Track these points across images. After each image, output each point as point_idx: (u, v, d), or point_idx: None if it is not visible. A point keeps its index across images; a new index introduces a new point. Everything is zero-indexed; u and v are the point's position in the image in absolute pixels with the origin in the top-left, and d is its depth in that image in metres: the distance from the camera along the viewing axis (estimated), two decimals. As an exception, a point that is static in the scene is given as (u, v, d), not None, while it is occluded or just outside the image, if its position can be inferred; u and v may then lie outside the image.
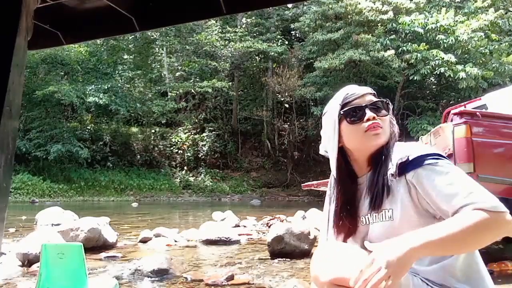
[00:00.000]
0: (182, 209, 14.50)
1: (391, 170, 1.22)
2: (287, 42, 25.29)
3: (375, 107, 1.29)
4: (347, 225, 1.34)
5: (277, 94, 24.87)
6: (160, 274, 3.59)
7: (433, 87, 22.39)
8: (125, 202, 18.00)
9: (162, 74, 24.75)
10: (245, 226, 7.68)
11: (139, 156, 23.05)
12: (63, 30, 1.68)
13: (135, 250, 5.17)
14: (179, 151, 24.15)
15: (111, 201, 18.79)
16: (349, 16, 20.74)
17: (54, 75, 21.54)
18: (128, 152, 23.05)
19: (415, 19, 17.88)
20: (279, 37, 24.95)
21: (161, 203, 18.61)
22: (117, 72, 22.97)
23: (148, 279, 3.53)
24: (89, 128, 22.39)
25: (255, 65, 25.71)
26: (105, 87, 20.52)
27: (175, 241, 5.76)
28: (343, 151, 1.34)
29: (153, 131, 24.16)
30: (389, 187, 1.22)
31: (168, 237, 5.86)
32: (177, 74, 24.79)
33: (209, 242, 5.60)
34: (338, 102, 1.31)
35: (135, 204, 15.75)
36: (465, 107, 5.83)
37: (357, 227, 1.33)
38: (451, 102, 18.81)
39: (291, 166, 23.95)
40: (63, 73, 22.33)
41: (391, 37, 19.46)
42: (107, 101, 20.08)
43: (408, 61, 18.15)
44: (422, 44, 17.55)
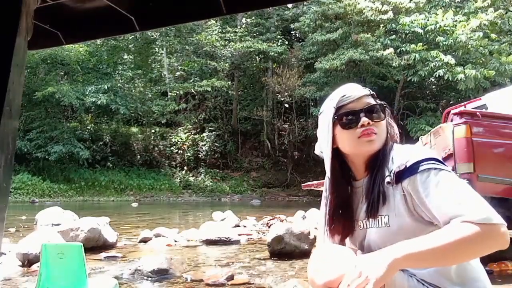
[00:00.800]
0: (182, 209, 14.50)
1: (388, 178, 1.19)
2: (287, 42, 25.31)
3: (370, 111, 1.25)
4: (341, 228, 1.33)
5: (277, 94, 24.87)
6: (160, 274, 3.59)
7: (433, 87, 22.41)
8: (125, 202, 18.00)
9: (162, 74, 24.76)
10: (245, 226, 7.68)
11: (139, 156, 23.05)
12: (63, 30, 1.68)
13: (135, 250, 5.17)
14: (179, 151, 24.16)
15: (111, 201, 18.79)
16: (348, 16, 20.74)
17: (54, 75, 21.54)
18: (128, 152, 23.05)
19: (415, 20, 17.86)
20: (279, 37, 24.96)
21: (161, 203, 18.62)
22: (117, 72, 22.97)
23: (148, 279, 3.53)
24: (89, 128, 22.39)
25: (255, 65, 25.71)
26: (105, 87, 20.52)
27: (175, 241, 5.76)
28: (339, 153, 1.31)
29: (153, 131, 24.17)
30: (385, 194, 1.20)
31: (168, 237, 5.87)
32: (177, 74, 24.79)
33: (209, 242, 5.60)
34: (333, 104, 1.27)
35: (135, 204, 15.75)
36: (465, 107, 5.83)
37: (353, 230, 1.32)
38: (451, 102, 18.82)
39: (291, 166, 23.96)
40: (63, 73, 22.34)
41: (391, 37, 19.46)
42: (106, 101, 20.08)
43: (407, 61, 18.15)
44: (419, 44, 17.53)
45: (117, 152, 22.51)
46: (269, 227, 7.31)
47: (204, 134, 24.75)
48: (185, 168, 23.60)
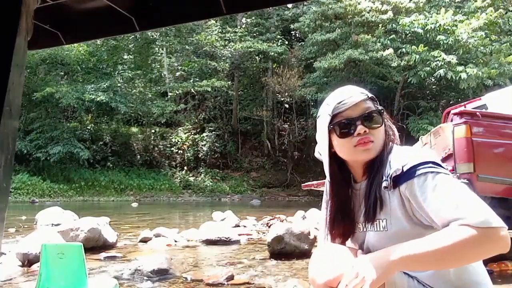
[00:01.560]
0: (182, 209, 14.50)
1: (385, 183, 1.18)
2: (287, 42, 25.33)
3: (367, 119, 1.22)
4: (342, 230, 1.34)
5: (277, 94, 24.88)
6: (160, 274, 3.59)
7: (433, 87, 22.40)
8: (125, 202, 17.99)
9: (162, 74, 24.76)
10: (245, 226, 7.68)
11: (139, 156, 23.06)
12: (63, 30, 1.68)
13: (135, 250, 5.16)
14: (179, 151, 24.16)
15: (111, 201, 18.80)
16: (348, 16, 20.75)
17: (54, 75, 21.55)
18: (128, 152, 23.06)
19: (415, 20, 17.85)
20: (279, 37, 24.97)
21: (161, 203, 18.61)
22: (117, 72, 22.99)
23: (148, 279, 3.53)
24: (89, 128, 22.40)
25: (255, 65, 25.72)
26: (105, 85, 20.53)
27: (175, 241, 5.76)
28: (337, 156, 1.30)
29: (153, 131, 24.18)
30: (381, 200, 1.20)
31: (168, 237, 5.86)
32: (177, 74, 24.80)
33: (209, 242, 5.59)
34: (328, 111, 1.25)
35: (135, 204, 15.75)
36: (465, 107, 5.83)
37: (353, 232, 1.32)
38: (451, 102, 18.82)
39: (291, 166, 23.96)
40: (63, 73, 22.34)
41: (391, 37, 19.47)
42: (106, 98, 20.08)
43: (408, 61, 18.14)
44: (421, 45, 17.53)
45: (117, 152, 22.52)
46: (269, 227, 7.31)
47: (204, 134, 24.75)
48: (185, 168, 23.61)
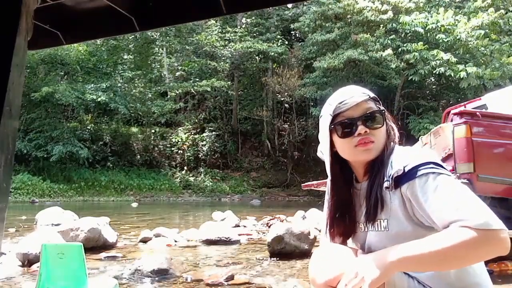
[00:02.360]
0: (182, 209, 14.49)
1: (386, 183, 1.18)
2: (287, 42, 25.32)
3: (368, 119, 1.23)
4: (342, 230, 1.34)
5: (277, 94, 24.89)
6: (160, 274, 3.59)
7: (433, 87, 22.42)
8: (125, 202, 17.99)
9: (162, 74, 24.77)
10: (245, 226, 7.68)
11: (139, 156, 23.06)
12: (63, 30, 1.68)
13: (135, 250, 5.16)
14: (179, 151, 24.16)
15: (111, 201, 18.79)
16: (348, 16, 20.74)
17: (54, 75, 21.54)
18: (128, 152, 23.06)
19: (415, 19, 17.86)
20: (279, 37, 24.97)
21: (161, 203, 18.61)
22: (117, 72, 22.99)
23: (148, 279, 3.53)
24: (89, 128, 22.40)
25: (255, 65, 25.72)
26: (105, 85, 20.53)
27: (175, 241, 5.76)
28: (339, 156, 1.30)
29: (153, 131, 24.17)
30: (382, 200, 1.20)
31: (168, 237, 5.86)
32: (177, 74, 24.80)
33: (209, 242, 5.59)
34: (329, 111, 1.26)
35: (135, 204, 15.75)
36: (465, 107, 5.83)
37: (354, 231, 1.33)
38: (451, 102, 18.82)
39: (291, 166, 23.96)
40: (63, 73, 22.33)
41: (391, 37, 19.47)
42: (106, 99, 20.07)
43: (407, 61, 18.15)
44: (419, 43, 17.53)
45: (117, 152, 22.52)
46: (269, 227, 7.31)
47: (204, 134, 24.75)
48: (185, 168, 23.60)
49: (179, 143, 24.35)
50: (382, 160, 1.23)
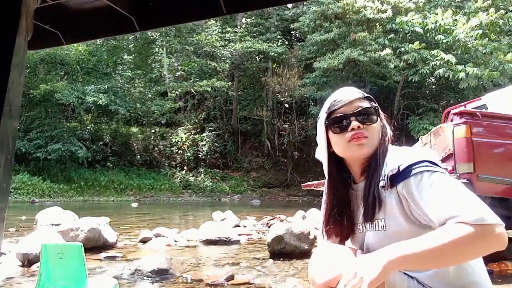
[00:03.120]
0: (182, 209, 14.49)
1: (382, 182, 1.19)
2: (287, 42, 25.31)
3: (361, 115, 1.25)
4: (339, 230, 1.35)
5: (277, 94, 24.89)
6: (160, 274, 3.59)
7: (433, 87, 22.41)
8: (125, 202, 17.99)
9: (162, 74, 24.76)
10: (245, 226, 7.68)
11: (139, 156, 23.05)
12: (63, 30, 1.68)
13: (135, 250, 5.16)
14: (179, 151, 24.16)
15: (111, 201, 18.79)
16: (347, 16, 20.74)
17: (54, 75, 21.54)
18: (128, 152, 23.05)
19: (413, 19, 17.85)
20: (279, 37, 24.97)
21: (161, 203, 18.61)
22: (117, 72, 22.98)
23: (148, 279, 3.53)
24: (89, 128, 22.39)
25: (255, 65, 25.71)
26: (105, 87, 20.52)
27: (175, 241, 5.76)
28: (336, 156, 1.32)
29: (153, 131, 24.17)
30: (380, 199, 1.20)
31: (168, 237, 5.86)
32: (177, 74, 24.79)
33: (209, 242, 5.59)
34: (325, 109, 1.30)
35: (135, 204, 15.74)
36: (465, 107, 5.83)
37: (352, 232, 1.34)
38: (451, 102, 18.81)
39: (291, 166, 23.96)
40: (63, 73, 22.33)
41: (390, 36, 19.46)
42: (106, 101, 20.07)
43: (407, 61, 18.14)
44: (416, 43, 17.52)
45: (117, 152, 22.51)
46: (269, 227, 7.31)
47: (204, 134, 24.75)
48: (185, 168, 23.60)
49: (179, 143, 24.34)
50: (377, 159, 1.24)
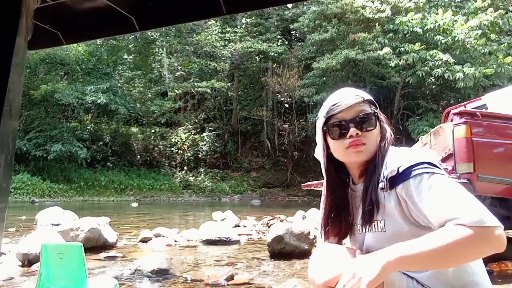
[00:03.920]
0: (182, 209, 14.49)
1: (382, 184, 1.19)
2: (287, 42, 25.31)
3: (360, 121, 1.24)
4: (337, 230, 1.35)
5: (277, 94, 24.88)
6: (160, 274, 3.59)
7: (433, 87, 22.39)
8: (125, 202, 17.98)
9: (162, 74, 24.76)
10: (245, 226, 7.68)
11: (139, 156, 23.05)
12: (63, 30, 1.68)
13: (135, 250, 5.16)
14: (179, 151, 24.16)
15: (111, 201, 18.79)
16: (346, 15, 20.73)
17: (54, 75, 21.53)
18: (128, 152, 23.05)
19: (412, 19, 17.85)
20: (279, 37, 24.97)
21: (161, 203, 18.61)
22: (117, 72, 22.97)
23: (148, 279, 3.53)
24: (89, 128, 22.38)
25: (255, 65, 25.71)
26: (105, 86, 20.52)
27: (175, 241, 5.76)
28: (335, 159, 1.32)
29: (153, 131, 24.17)
30: (378, 204, 1.21)
31: (168, 237, 5.86)
32: (177, 74, 24.79)
33: (209, 242, 5.59)
34: (323, 113, 1.28)
35: (135, 204, 15.74)
36: (465, 107, 5.83)
37: (349, 233, 1.34)
38: (451, 102, 18.80)
39: (291, 166, 23.95)
40: (62, 73, 22.33)
41: (389, 35, 19.45)
42: (106, 99, 20.06)
43: (406, 61, 18.14)
44: (417, 44, 17.53)
45: (117, 152, 22.50)
46: (269, 227, 7.31)
47: (204, 134, 24.75)
48: (185, 168, 23.60)
49: (179, 143, 24.34)
50: (375, 162, 1.24)
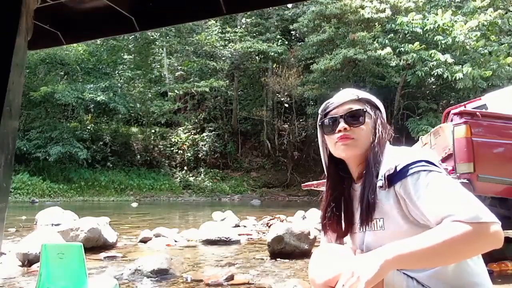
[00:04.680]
0: (182, 209, 14.49)
1: (380, 182, 1.20)
2: (286, 42, 25.30)
3: (349, 117, 1.28)
4: (336, 228, 1.36)
5: (276, 94, 24.88)
6: (160, 274, 3.59)
7: (433, 87, 22.40)
8: (125, 202, 17.98)
9: (162, 74, 24.76)
10: (245, 226, 7.69)
11: (139, 156, 23.04)
12: (63, 30, 1.68)
13: (135, 250, 5.16)
14: (179, 151, 24.15)
15: (111, 201, 18.78)
16: (346, 16, 20.72)
17: (54, 75, 21.53)
18: (128, 152, 23.04)
19: (413, 20, 17.86)
20: (278, 37, 24.96)
21: (161, 203, 18.61)
22: (117, 72, 22.97)
23: (148, 279, 3.53)
24: (89, 128, 22.37)
25: (254, 65, 25.71)
26: (104, 85, 20.51)
27: (175, 241, 5.76)
28: (335, 157, 1.35)
29: (153, 131, 24.17)
30: (374, 204, 1.21)
31: (168, 237, 5.86)
32: (177, 74, 24.79)
33: (209, 242, 5.59)
34: (320, 111, 1.36)
35: (135, 204, 15.74)
36: (465, 107, 5.83)
37: (349, 231, 1.35)
38: (451, 102, 18.80)
39: (291, 166, 23.95)
40: (62, 73, 22.32)
41: (389, 36, 19.46)
42: (105, 98, 20.05)
43: (406, 61, 18.14)
44: (416, 44, 17.52)
45: (117, 152, 22.50)
46: (269, 227, 7.31)
47: (204, 134, 24.75)
48: (185, 168, 23.60)
49: (179, 143, 24.34)
50: (369, 162, 1.25)
